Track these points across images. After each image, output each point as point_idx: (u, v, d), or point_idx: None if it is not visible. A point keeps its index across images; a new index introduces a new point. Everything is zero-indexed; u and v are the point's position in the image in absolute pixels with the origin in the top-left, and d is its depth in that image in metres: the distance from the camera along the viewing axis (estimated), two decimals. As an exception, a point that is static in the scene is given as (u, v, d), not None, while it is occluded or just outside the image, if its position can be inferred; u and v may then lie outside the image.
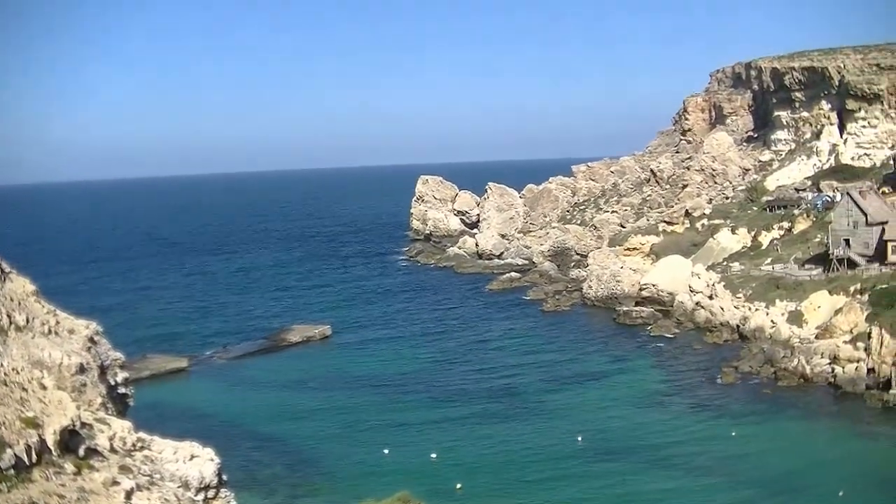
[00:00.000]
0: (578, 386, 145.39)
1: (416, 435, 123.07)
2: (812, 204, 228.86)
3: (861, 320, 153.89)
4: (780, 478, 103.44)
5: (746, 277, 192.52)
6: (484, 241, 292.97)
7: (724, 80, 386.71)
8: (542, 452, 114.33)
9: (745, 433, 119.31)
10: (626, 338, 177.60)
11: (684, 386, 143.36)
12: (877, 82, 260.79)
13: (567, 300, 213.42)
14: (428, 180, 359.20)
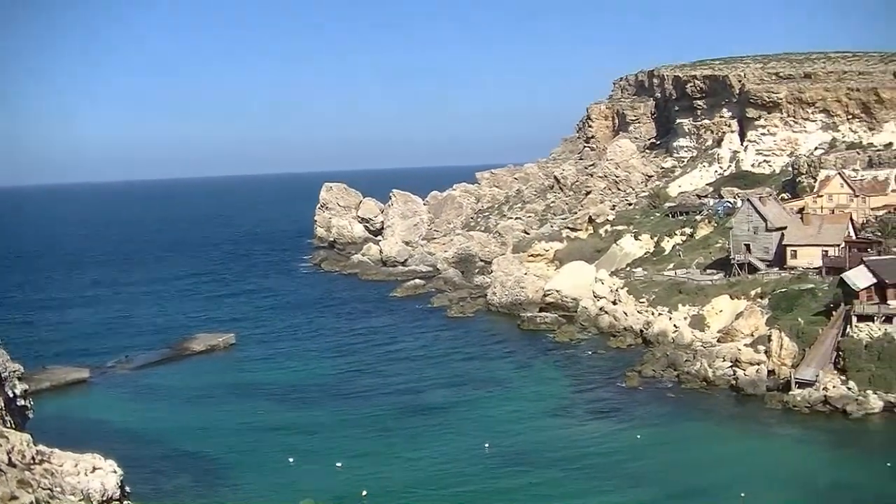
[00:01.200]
0: (484, 392, 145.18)
1: (321, 443, 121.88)
2: (713, 210, 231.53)
3: (761, 324, 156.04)
4: (684, 480, 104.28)
5: (649, 283, 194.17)
6: (388, 248, 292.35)
7: (628, 87, 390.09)
8: (449, 459, 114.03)
9: (650, 436, 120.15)
10: (530, 344, 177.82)
11: (589, 391, 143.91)
12: (776, 91, 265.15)
13: (471, 307, 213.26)
14: (332, 187, 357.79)
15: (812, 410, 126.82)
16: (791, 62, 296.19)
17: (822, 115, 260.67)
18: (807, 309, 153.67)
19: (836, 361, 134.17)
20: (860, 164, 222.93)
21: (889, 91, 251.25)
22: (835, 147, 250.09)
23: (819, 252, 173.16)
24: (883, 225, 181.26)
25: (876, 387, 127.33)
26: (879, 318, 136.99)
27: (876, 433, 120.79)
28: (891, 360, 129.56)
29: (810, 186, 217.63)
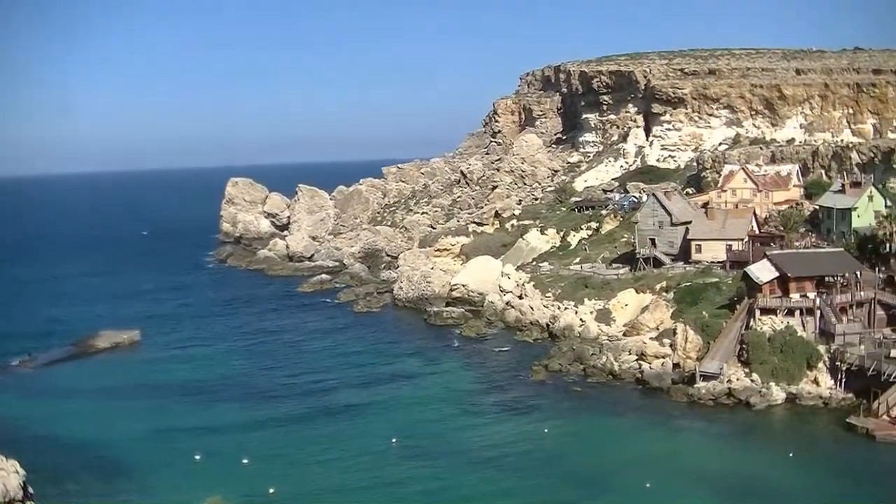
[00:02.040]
0: (391, 388, 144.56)
1: (228, 440, 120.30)
2: (619, 205, 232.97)
3: (666, 317, 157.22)
4: (591, 472, 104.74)
5: (555, 277, 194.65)
6: (294, 243, 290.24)
7: (534, 82, 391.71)
8: (357, 455, 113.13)
9: (556, 430, 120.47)
10: (437, 338, 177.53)
11: (496, 385, 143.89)
12: (681, 87, 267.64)
13: (378, 301, 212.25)
14: (238, 182, 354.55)
15: (716, 403, 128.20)
16: (696, 58, 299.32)
17: (727, 111, 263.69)
18: (711, 302, 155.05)
19: (739, 354, 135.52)
20: (763, 160, 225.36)
21: (791, 87, 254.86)
22: (738, 142, 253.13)
23: (723, 246, 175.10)
24: (785, 219, 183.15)
25: (779, 379, 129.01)
26: (782, 311, 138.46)
27: (779, 424, 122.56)
28: (793, 352, 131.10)
29: (714, 181, 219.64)
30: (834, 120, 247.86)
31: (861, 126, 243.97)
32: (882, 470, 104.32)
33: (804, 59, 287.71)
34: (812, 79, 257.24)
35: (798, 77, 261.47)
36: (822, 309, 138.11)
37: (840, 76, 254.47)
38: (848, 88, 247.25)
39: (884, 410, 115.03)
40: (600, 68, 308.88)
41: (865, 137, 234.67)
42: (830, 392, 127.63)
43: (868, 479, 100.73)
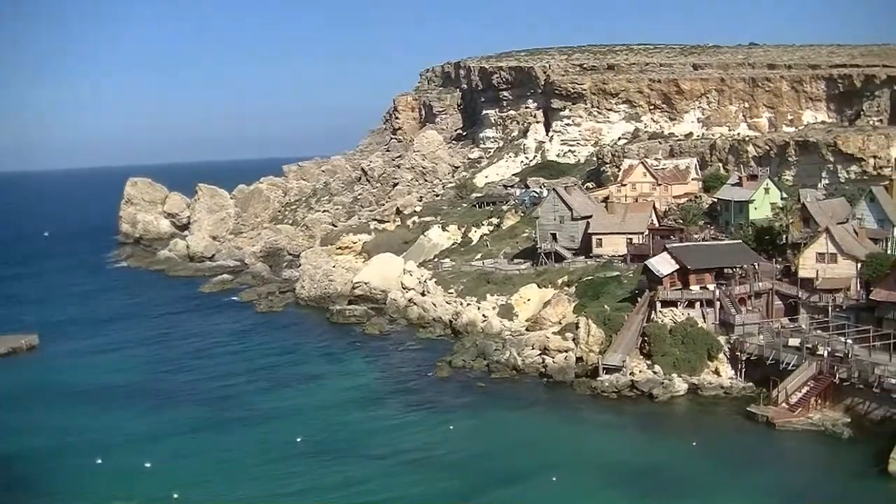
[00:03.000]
0: (295, 387, 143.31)
1: (130, 445, 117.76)
2: (520, 200, 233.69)
3: (569, 311, 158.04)
4: (497, 467, 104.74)
5: (458, 273, 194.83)
6: (195, 243, 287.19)
7: (434, 79, 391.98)
8: (262, 457, 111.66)
9: (462, 426, 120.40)
10: (340, 337, 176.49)
11: (400, 382, 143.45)
12: (580, 82, 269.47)
13: (280, 301, 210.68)
14: (137, 182, 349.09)
15: (620, 395, 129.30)
16: (595, 54, 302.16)
17: (625, 106, 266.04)
18: (613, 296, 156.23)
19: (641, 347, 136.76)
20: (662, 154, 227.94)
21: (689, 82, 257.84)
22: (637, 137, 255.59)
23: (624, 240, 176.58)
24: (684, 212, 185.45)
25: (680, 370, 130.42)
26: (682, 303, 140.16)
27: (681, 415, 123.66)
28: (694, 343, 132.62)
29: (614, 176, 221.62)
30: (730, 114, 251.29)
31: (757, 120, 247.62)
32: (781, 457, 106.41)
33: (701, 54, 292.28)
34: (709, 74, 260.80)
35: (695, 72, 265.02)
36: (721, 300, 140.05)
37: (736, 71, 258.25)
38: (744, 83, 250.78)
39: (783, 399, 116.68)
40: (500, 64, 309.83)
41: (761, 131, 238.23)
42: (731, 382, 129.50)
43: (768, 466, 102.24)
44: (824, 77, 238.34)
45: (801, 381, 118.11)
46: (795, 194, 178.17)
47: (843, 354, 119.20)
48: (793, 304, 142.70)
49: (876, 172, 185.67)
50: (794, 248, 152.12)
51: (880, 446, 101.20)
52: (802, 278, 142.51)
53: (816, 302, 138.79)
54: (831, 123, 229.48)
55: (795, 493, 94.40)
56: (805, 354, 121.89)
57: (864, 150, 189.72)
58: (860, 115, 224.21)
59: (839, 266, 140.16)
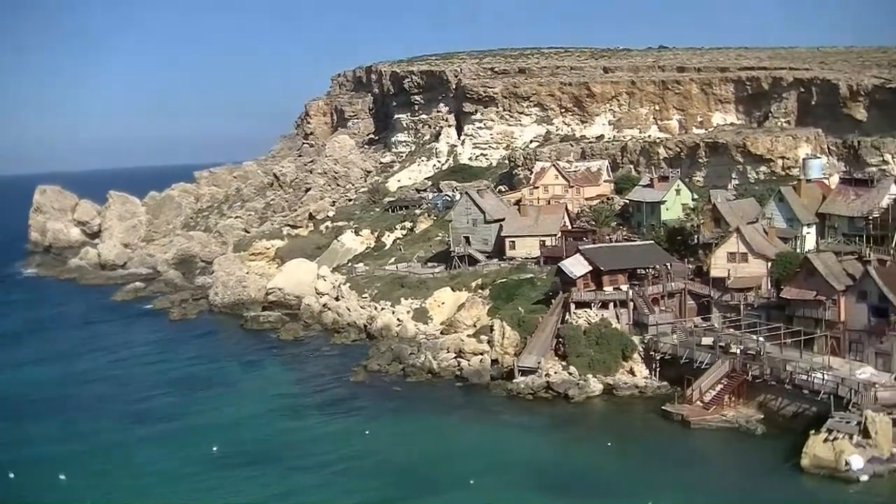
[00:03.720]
0: (210, 395, 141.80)
1: (43, 457, 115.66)
2: (433, 204, 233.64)
3: (483, 314, 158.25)
4: (414, 471, 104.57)
5: (371, 277, 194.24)
6: (106, 251, 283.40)
7: (346, 84, 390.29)
8: (178, 466, 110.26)
9: (378, 430, 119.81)
10: (255, 343, 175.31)
11: (316, 388, 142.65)
12: (492, 86, 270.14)
13: (194, 308, 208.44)
14: (46, 190, 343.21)
15: (536, 396, 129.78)
16: (506, 58, 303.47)
17: (537, 109, 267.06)
18: (527, 298, 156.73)
19: (556, 348, 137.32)
20: (574, 156, 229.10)
21: (600, 85, 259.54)
22: (549, 140, 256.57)
23: (537, 242, 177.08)
24: (597, 214, 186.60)
25: (595, 371, 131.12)
26: (596, 304, 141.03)
27: (597, 415, 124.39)
28: (608, 344, 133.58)
29: (527, 178, 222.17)
30: (641, 116, 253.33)
31: (667, 122, 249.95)
32: (696, 454, 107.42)
33: (611, 57, 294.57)
34: (619, 77, 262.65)
35: (606, 75, 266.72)
36: (634, 301, 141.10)
37: (646, 74, 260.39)
38: (654, 86, 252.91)
39: (697, 397, 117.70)
40: (412, 68, 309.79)
41: (672, 133, 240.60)
42: (646, 381, 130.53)
43: (684, 463, 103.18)
44: (733, 80, 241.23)
45: (714, 379, 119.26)
46: (706, 195, 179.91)
47: (756, 352, 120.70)
48: (705, 303, 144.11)
49: (784, 173, 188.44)
50: (706, 249, 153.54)
51: (793, 441, 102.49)
52: (714, 278, 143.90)
53: (728, 301, 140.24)
54: (740, 125, 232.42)
55: (711, 490, 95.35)
56: (718, 353, 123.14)
57: (772, 151, 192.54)
58: (768, 116, 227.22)
59: (750, 265, 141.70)
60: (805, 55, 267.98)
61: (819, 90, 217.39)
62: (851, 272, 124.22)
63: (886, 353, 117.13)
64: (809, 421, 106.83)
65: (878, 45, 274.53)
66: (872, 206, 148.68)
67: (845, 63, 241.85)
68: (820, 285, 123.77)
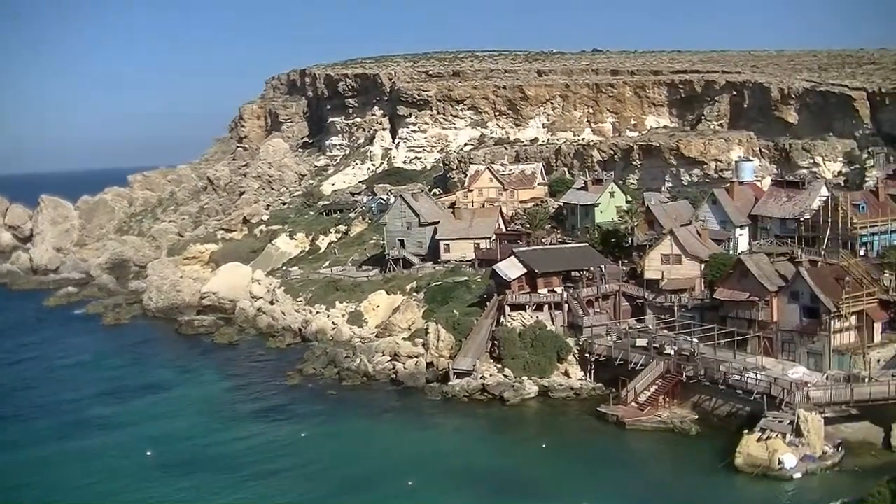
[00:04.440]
0: (145, 401, 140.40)
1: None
2: (367, 207, 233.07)
3: (418, 317, 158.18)
4: (352, 475, 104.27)
5: (306, 281, 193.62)
6: (38, 255, 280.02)
7: (280, 87, 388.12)
8: (111, 473, 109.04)
9: (315, 434, 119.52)
10: (190, 348, 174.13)
11: (252, 392, 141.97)
12: (426, 89, 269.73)
13: (127, 313, 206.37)
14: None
15: (471, 399, 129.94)
16: (440, 61, 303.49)
17: (471, 112, 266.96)
18: (461, 301, 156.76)
19: (491, 350, 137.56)
20: (508, 159, 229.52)
21: (534, 88, 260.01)
22: (483, 143, 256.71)
23: (471, 245, 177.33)
24: (531, 217, 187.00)
25: (530, 373, 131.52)
26: (531, 306, 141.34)
27: (532, 417, 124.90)
28: (543, 346, 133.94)
29: (461, 181, 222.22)
30: (575, 119, 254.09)
31: (601, 125, 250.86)
32: (631, 455, 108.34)
33: (545, 60, 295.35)
34: (553, 80, 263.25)
35: (540, 78, 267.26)
36: (569, 303, 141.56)
37: (580, 77, 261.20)
38: (588, 89, 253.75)
39: (632, 398, 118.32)
40: (346, 72, 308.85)
41: (605, 136, 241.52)
42: (581, 383, 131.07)
43: (619, 464, 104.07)
44: (666, 83, 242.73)
45: (649, 380, 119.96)
46: (640, 197, 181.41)
47: (690, 353, 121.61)
48: (639, 304, 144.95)
49: (717, 175, 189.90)
50: (640, 251, 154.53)
51: (727, 441, 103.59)
52: (648, 279, 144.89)
53: (662, 302, 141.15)
54: (674, 128, 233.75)
55: (646, 490, 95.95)
56: (652, 354, 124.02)
57: (705, 153, 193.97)
58: (701, 119, 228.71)
59: (683, 267, 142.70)
60: (737, 59, 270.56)
61: (751, 93, 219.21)
62: (783, 273, 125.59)
63: (818, 352, 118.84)
64: (743, 421, 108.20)
65: (809, 49, 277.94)
66: (804, 207, 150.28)
67: (776, 66, 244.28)
68: (753, 286, 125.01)
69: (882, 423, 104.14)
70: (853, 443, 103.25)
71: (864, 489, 75.04)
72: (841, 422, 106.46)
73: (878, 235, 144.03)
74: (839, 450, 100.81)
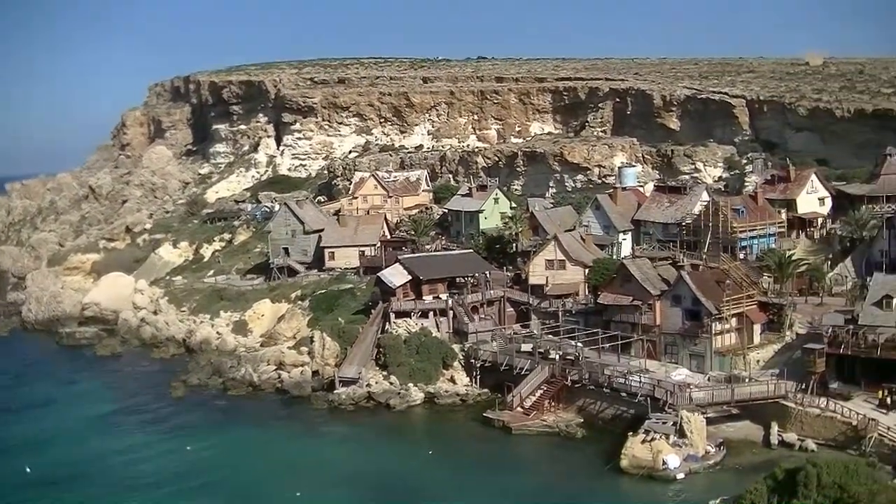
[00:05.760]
0: (24, 414, 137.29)
1: None
2: (251, 215, 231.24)
3: (303, 326, 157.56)
4: (239, 487, 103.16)
5: (190, 290, 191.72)
6: None
7: (164, 93, 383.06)
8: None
9: (200, 446, 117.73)
10: (71, 360, 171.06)
11: (136, 404, 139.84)
12: (311, 96, 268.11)
13: (5, 325, 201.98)
14: None
15: (357, 407, 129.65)
16: (325, 68, 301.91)
17: (356, 119, 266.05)
18: (347, 308, 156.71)
19: (377, 358, 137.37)
20: (393, 166, 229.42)
21: (419, 95, 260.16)
22: (368, 150, 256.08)
23: (356, 252, 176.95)
24: (416, 224, 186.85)
25: (416, 380, 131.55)
26: (416, 313, 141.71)
27: (419, 424, 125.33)
28: (429, 353, 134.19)
29: (346, 188, 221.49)
30: (460, 126, 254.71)
31: (486, 132, 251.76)
32: (518, 460, 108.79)
33: (431, 67, 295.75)
34: (438, 87, 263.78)
35: (425, 85, 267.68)
36: (454, 309, 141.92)
37: (465, 84, 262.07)
38: (473, 96, 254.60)
39: (517, 403, 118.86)
40: (230, 78, 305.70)
41: (490, 142, 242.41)
42: (467, 389, 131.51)
43: (505, 469, 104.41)
44: (550, 90, 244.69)
45: (534, 384, 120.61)
46: (524, 203, 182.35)
47: (574, 357, 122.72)
48: (524, 310, 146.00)
49: (601, 181, 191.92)
50: (524, 256, 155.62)
51: (612, 443, 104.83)
52: (533, 285, 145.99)
53: (547, 308, 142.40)
54: (558, 134, 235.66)
55: (533, 494, 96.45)
56: (538, 359, 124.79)
57: (589, 159, 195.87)
58: (585, 126, 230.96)
59: (567, 272, 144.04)
60: (620, 66, 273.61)
61: (634, 100, 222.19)
62: (666, 277, 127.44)
63: (700, 354, 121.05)
64: (628, 423, 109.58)
65: (691, 57, 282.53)
66: (685, 212, 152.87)
67: (659, 74, 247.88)
68: (636, 290, 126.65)
69: (762, 422, 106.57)
70: (734, 442, 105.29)
71: (744, 486, 76.08)
72: (722, 421, 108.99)
73: (756, 239, 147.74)
74: (721, 449, 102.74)
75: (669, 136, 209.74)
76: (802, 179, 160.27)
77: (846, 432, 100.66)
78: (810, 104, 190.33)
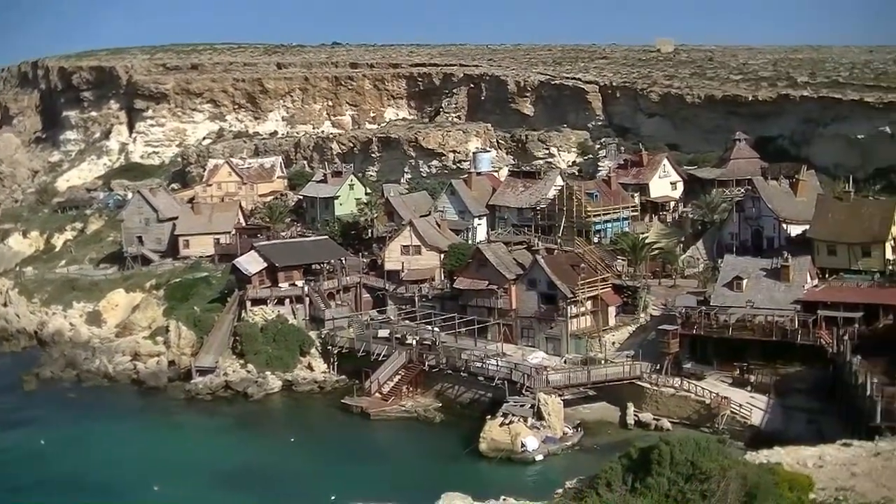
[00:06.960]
0: None
1: None
2: (104, 203, 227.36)
3: (158, 315, 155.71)
4: (96, 480, 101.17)
5: (41, 281, 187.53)
6: None
7: (11, 79, 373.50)
8: None
9: (54, 440, 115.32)
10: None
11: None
12: (164, 82, 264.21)
13: None
14: None
15: (215, 396, 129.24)
16: (178, 53, 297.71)
17: (210, 106, 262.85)
18: (202, 297, 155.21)
19: (234, 346, 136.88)
20: (247, 153, 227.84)
21: (273, 81, 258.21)
22: (222, 137, 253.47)
23: (211, 240, 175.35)
24: (270, 211, 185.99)
25: (274, 367, 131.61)
26: (272, 301, 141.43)
27: (278, 412, 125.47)
28: (286, 340, 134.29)
29: (200, 176, 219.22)
30: (315, 112, 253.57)
31: (340, 118, 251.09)
32: (377, 445, 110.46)
33: (285, 53, 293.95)
34: (293, 73, 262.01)
35: (279, 71, 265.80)
36: (310, 296, 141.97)
37: (320, 70, 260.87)
38: (327, 82, 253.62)
39: (376, 389, 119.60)
40: (81, 64, 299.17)
41: (345, 128, 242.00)
42: (324, 376, 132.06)
43: (365, 455, 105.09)
44: (405, 76, 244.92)
45: (392, 370, 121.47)
46: (379, 189, 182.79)
47: (431, 342, 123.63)
48: (381, 296, 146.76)
49: (455, 166, 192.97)
50: (380, 242, 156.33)
51: (471, 427, 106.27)
52: (389, 270, 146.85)
53: (403, 293, 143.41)
54: (412, 120, 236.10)
55: (393, 479, 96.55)
56: (395, 344, 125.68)
57: (443, 145, 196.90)
58: (440, 111, 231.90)
59: (423, 257, 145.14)
60: (474, 52, 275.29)
61: (488, 86, 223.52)
62: (521, 261, 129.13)
63: (556, 337, 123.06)
64: (486, 407, 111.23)
65: (544, 44, 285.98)
66: (540, 197, 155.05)
67: (513, 60, 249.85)
68: (491, 275, 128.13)
69: (618, 403, 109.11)
70: (591, 423, 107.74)
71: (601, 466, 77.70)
72: (579, 403, 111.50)
73: (610, 223, 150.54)
74: (578, 430, 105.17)
75: (524, 121, 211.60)
76: (655, 164, 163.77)
77: (700, 411, 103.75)
78: (662, 90, 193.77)
